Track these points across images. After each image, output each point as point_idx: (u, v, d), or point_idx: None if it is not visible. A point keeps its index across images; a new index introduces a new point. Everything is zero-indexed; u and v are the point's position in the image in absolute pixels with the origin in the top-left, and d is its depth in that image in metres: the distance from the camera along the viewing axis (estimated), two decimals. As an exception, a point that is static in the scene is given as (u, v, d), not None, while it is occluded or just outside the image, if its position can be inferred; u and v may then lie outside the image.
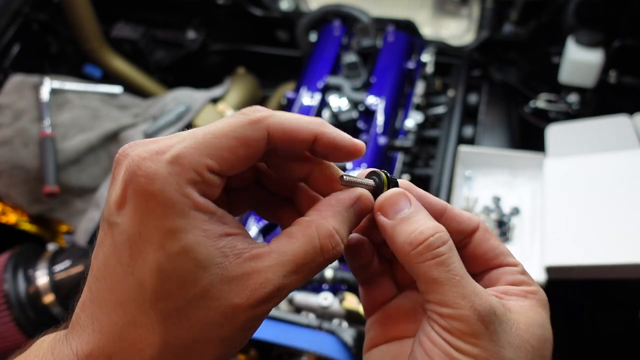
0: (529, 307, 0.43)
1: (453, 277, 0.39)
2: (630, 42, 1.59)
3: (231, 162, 0.37)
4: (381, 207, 0.42)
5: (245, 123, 0.38)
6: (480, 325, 0.38)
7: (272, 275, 0.37)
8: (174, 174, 0.35)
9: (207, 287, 0.35)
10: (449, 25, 2.11)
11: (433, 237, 0.40)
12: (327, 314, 1.18)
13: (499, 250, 0.46)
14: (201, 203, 0.36)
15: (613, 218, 1.25)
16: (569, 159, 1.41)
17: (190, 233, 0.35)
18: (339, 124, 1.44)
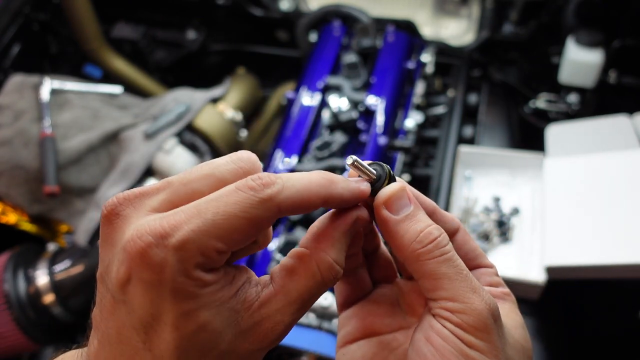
0: (509, 309, 0.44)
1: (460, 272, 0.40)
2: (630, 42, 1.59)
3: (240, 242, 0.36)
4: (387, 202, 0.42)
5: (256, 203, 0.36)
6: (491, 319, 0.39)
7: (281, 317, 0.38)
8: (182, 261, 0.34)
9: (225, 347, 0.36)
10: (449, 25, 2.11)
11: (440, 237, 0.41)
12: (327, 314, 1.18)
13: (478, 251, 0.47)
14: (209, 280, 0.36)
15: (613, 218, 1.25)
16: (569, 159, 1.41)
17: (203, 311, 0.35)
18: (339, 124, 1.44)
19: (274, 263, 1.24)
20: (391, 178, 0.44)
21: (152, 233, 0.34)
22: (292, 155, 1.42)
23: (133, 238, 0.34)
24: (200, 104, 1.63)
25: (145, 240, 0.34)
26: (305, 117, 1.49)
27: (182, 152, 1.53)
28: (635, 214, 1.23)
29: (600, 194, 1.30)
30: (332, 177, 0.40)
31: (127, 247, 0.34)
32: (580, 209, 1.30)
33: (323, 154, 1.37)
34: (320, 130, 1.47)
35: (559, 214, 1.30)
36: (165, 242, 0.34)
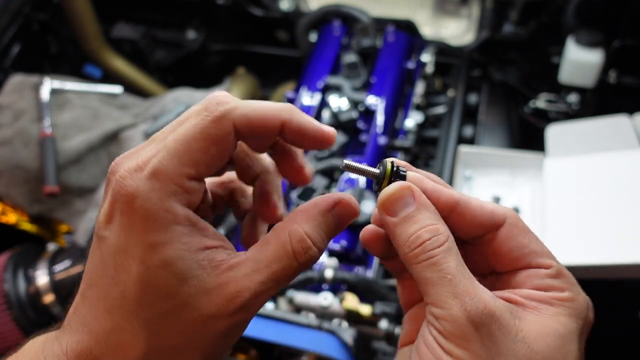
0: (551, 315, 0.39)
1: (445, 276, 0.38)
2: (630, 42, 1.59)
3: (206, 163, 0.38)
4: (383, 203, 0.41)
5: (210, 121, 0.38)
6: (469, 327, 0.37)
7: (248, 283, 0.38)
8: (155, 190, 0.36)
9: (186, 298, 0.37)
10: (449, 25, 2.11)
11: (429, 241, 0.39)
12: (327, 314, 1.18)
13: (529, 249, 0.42)
14: (182, 216, 0.37)
15: (613, 218, 1.25)
16: (569, 159, 1.41)
17: (170, 247, 0.37)
18: (339, 124, 1.44)
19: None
20: (394, 174, 0.42)
21: (128, 169, 0.37)
22: (292, 155, 1.42)
23: (117, 174, 0.37)
24: (200, 104, 1.63)
25: (123, 174, 0.37)
26: (305, 117, 1.49)
27: (182, 152, 1.54)
28: (636, 214, 1.23)
29: (601, 194, 1.30)
30: (294, 107, 0.41)
31: (112, 185, 0.38)
32: (580, 209, 1.29)
33: (323, 153, 1.37)
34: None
35: (559, 214, 1.30)
36: (139, 174, 0.37)
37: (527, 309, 0.40)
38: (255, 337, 1.13)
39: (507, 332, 0.37)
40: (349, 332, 1.11)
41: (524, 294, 0.41)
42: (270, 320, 1.15)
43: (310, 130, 0.41)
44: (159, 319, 0.37)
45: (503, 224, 0.42)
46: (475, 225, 0.42)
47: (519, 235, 0.42)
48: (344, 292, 1.19)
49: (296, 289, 1.20)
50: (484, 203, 0.43)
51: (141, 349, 0.38)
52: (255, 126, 0.39)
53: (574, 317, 0.40)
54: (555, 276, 0.42)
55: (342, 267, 1.23)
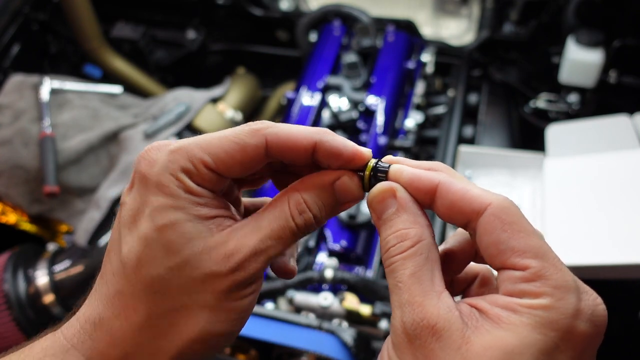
0: (508, 325, 0.35)
1: (396, 284, 0.38)
2: (630, 42, 1.59)
3: (227, 162, 0.40)
4: (370, 205, 0.42)
5: (245, 131, 0.41)
6: (404, 337, 0.36)
7: (247, 240, 0.40)
8: (171, 161, 0.39)
9: (189, 257, 0.39)
10: (449, 25, 2.11)
11: (394, 247, 0.39)
12: (327, 314, 1.18)
13: (506, 246, 0.37)
14: (193, 188, 0.40)
15: (613, 218, 1.25)
16: (569, 159, 1.41)
17: (179, 211, 0.39)
18: (339, 124, 1.44)
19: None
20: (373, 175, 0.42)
21: (156, 145, 0.41)
22: (292, 155, 1.42)
23: (143, 152, 0.41)
24: (200, 103, 1.63)
25: (148, 149, 0.41)
26: (305, 117, 1.49)
27: (182, 152, 1.54)
28: (636, 214, 1.23)
29: (601, 194, 1.30)
30: (327, 130, 0.42)
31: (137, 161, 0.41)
32: (581, 209, 1.29)
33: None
34: (320, 130, 1.47)
35: (559, 214, 1.30)
36: (163, 149, 0.40)
37: (489, 319, 0.35)
38: (255, 337, 1.13)
39: (447, 346, 0.35)
40: (349, 332, 1.11)
41: (492, 300, 0.36)
42: (270, 320, 1.15)
43: (343, 149, 0.41)
44: (160, 278, 0.39)
45: (481, 214, 0.37)
46: (455, 211, 0.39)
47: (498, 228, 0.37)
48: (344, 292, 1.19)
49: (296, 289, 1.20)
50: (471, 188, 0.38)
51: (143, 312, 0.39)
52: (286, 143, 0.40)
53: (541, 328, 0.34)
54: (531, 279, 0.35)
55: (342, 267, 1.23)
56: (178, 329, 0.40)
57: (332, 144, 0.41)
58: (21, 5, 1.69)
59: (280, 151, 0.41)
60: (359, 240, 1.28)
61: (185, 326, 0.39)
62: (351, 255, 1.26)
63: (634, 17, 1.58)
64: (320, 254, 1.27)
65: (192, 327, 0.39)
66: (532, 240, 0.37)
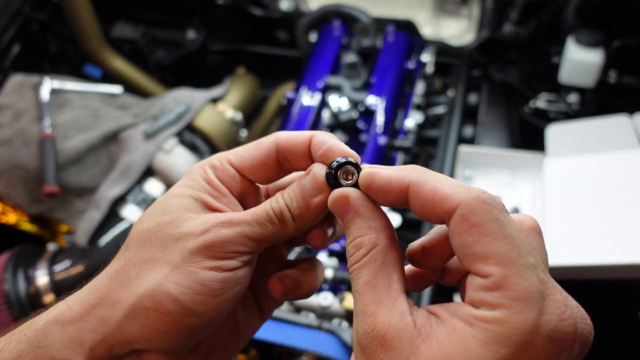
0: (459, 337, 0.33)
1: (354, 292, 0.39)
2: (630, 42, 1.59)
3: (245, 158, 0.48)
4: (331, 210, 0.43)
5: (265, 138, 0.48)
6: (357, 348, 0.37)
7: (227, 214, 0.45)
8: (207, 160, 0.48)
9: (176, 218, 0.44)
10: (449, 25, 2.11)
11: (352, 257, 0.40)
12: (327, 314, 1.18)
13: (470, 250, 0.35)
14: (212, 179, 0.47)
15: (613, 218, 1.25)
16: (569, 159, 1.41)
17: (190, 189, 0.46)
18: (339, 124, 1.44)
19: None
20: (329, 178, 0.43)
21: None
22: (292, 155, 1.42)
23: None
24: (200, 103, 1.63)
25: None
26: (305, 117, 1.49)
27: (182, 152, 1.53)
28: (635, 214, 1.23)
29: (601, 194, 1.30)
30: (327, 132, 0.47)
31: None
32: (580, 209, 1.29)
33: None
34: (320, 130, 1.47)
35: (558, 214, 1.30)
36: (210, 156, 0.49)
37: (444, 328, 0.34)
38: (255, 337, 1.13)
39: (397, 356, 0.34)
40: (349, 332, 1.11)
41: (454, 309, 0.35)
42: (270, 320, 1.15)
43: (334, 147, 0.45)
44: (147, 232, 0.44)
45: (451, 215, 0.35)
46: (428, 212, 0.37)
47: (465, 231, 0.35)
48: (344, 292, 1.19)
49: (296, 289, 1.20)
50: (442, 185, 0.36)
51: (122, 260, 0.44)
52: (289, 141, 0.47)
53: (492, 344, 0.32)
54: (491, 288, 0.34)
55: (342, 267, 1.23)
56: (140, 280, 0.42)
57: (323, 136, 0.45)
58: (21, 5, 1.69)
59: (287, 147, 0.46)
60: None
61: (146, 277, 0.42)
62: (351, 255, 1.26)
63: (634, 17, 1.58)
64: (320, 254, 1.27)
65: (150, 280, 0.42)
66: (497, 245, 0.34)
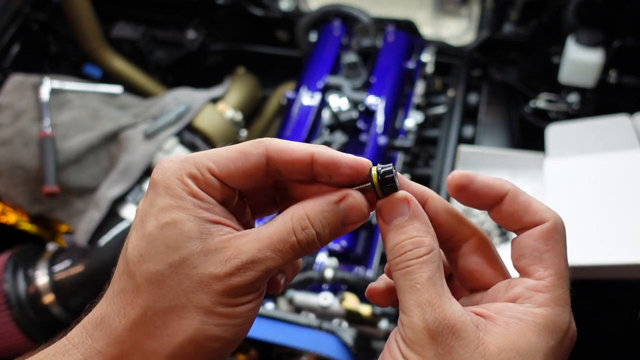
0: (517, 330, 0.40)
1: (414, 285, 0.40)
2: (630, 42, 1.59)
3: (230, 170, 0.42)
4: (379, 210, 0.43)
5: (249, 143, 0.43)
6: (425, 335, 0.38)
7: (247, 248, 0.40)
8: (180, 168, 0.42)
9: (187, 255, 0.40)
10: (449, 25, 2.11)
11: (411, 252, 0.41)
12: (327, 314, 1.18)
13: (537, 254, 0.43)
14: (197, 192, 0.42)
15: (613, 218, 1.25)
16: (569, 159, 1.41)
17: (182, 211, 0.41)
18: (339, 124, 1.44)
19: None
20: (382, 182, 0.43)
21: (170, 158, 0.44)
22: (292, 155, 1.42)
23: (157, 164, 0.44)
24: (200, 103, 1.63)
25: (163, 160, 0.43)
26: (305, 117, 1.49)
27: (182, 152, 1.53)
28: (635, 214, 1.23)
29: (601, 194, 1.30)
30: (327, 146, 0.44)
31: None
32: (580, 209, 1.29)
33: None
34: (320, 130, 1.47)
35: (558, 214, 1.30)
36: (175, 158, 0.43)
37: (496, 323, 0.40)
38: (255, 337, 1.13)
39: (465, 344, 0.39)
40: (349, 332, 1.11)
41: (496, 308, 0.41)
42: (270, 320, 1.15)
43: (342, 160, 0.43)
44: (159, 274, 0.40)
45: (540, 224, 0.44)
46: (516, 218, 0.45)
47: (543, 239, 0.43)
48: (344, 292, 1.19)
49: (296, 289, 1.20)
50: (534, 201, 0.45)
51: (140, 308, 0.40)
52: (285, 154, 0.43)
53: (545, 335, 0.40)
54: (541, 290, 0.41)
55: (342, 267, 1.23)
56: (172, 328, 0.40)
57: (330, 153, 0.43)
58: (21, 5, 1.69)
59: (280, 161, 0.43)
60: (359, 240, 1.28)
61: (179, 326, 0.40)
62: (351, 255, 1.26)
63: (634, 17, 1.58)
64: (320, 254, 1.27)
65: (186, 327, 0.40)
66: (560, 262, 0.43)
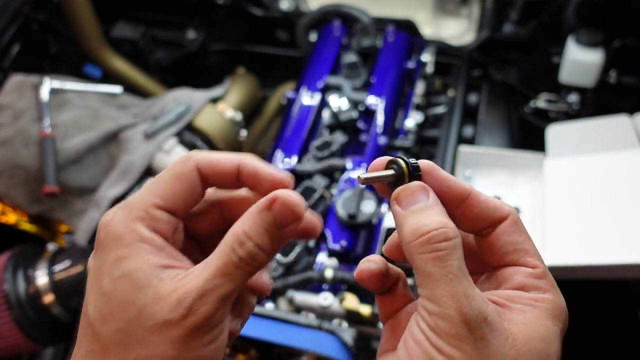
0: (534, 317, 0.41)
1: (447, 274, 0.38)
2: (630, 42, 1.59)
3: (172, 196, 0.42)
4: (397, 197, 0.42)
5: (177, 162, 0.44)
6: (464, 328, 0.37)
7: (195, 283, 0.39)
8: (124, 215, 0.41)
9: (142, 307, 0.39)
10: (449, 25, 2.11)
11: (437, 232, 0.39)
12: (327, 314, 1.18)
13: (521, 246, 0.43)
14: (147, 236, 0.41)
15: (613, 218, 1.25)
16: (569, 159, 1.41)
17: (132, 260, 0.40)
18: (339, 124, 1.44)
19: (274, 263, 1.24)
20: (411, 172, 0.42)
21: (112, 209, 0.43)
22: (292, 155, 1.42)
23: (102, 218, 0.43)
24: (200, 103, 1.63)
25: (106, 213, 0.43)
26: (305, 117, 1.49)
27: (182, 152, 1.53)
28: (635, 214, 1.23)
29: (601, 194, 1.30)
30: (255, 157, 0.45)
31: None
32: (581, 209, 1.29)
33: (323, 153, 1.37)
34: (320, 130, 1.47)
35: (559, 214, 1.30)
36: (117, 207, 0.42)
37: (513, 312, 0.41)
38: (255, 337, 1.13)
39: (499, 336, 0.39)
40: (349, 332, 1.11)
41: (507, 295, 0.42)
42: (270, 320, 1.15)
43: (263, 171, 0.43)
44: (121, 332, 0.39)
45: (504, 219, 0.43)
46: (482, 218, 0.43)
47: (516, 232, 0.43)
48: (344, 292, 1.19)
49: (296, 289, 1.20)
50: (490, 198, 0.44)
51: None
52: (213, 166, 0.43)
53: (556, 319, 0.41)
54: (540, 277, 0.43)
55: (342, 267, 1.23)
56: None
57: (252, 164, 0.43)
58: (21, 5, 1.69)
59: (211, 173, 0.43)
60: (359, 240, 1.28)
61: None
62: (351, 255, 1.26)
63: (634, 17, 1.58)
64: (320, 254, 1.27)
65: None
66: (535, 247, 0.44)
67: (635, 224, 1.21)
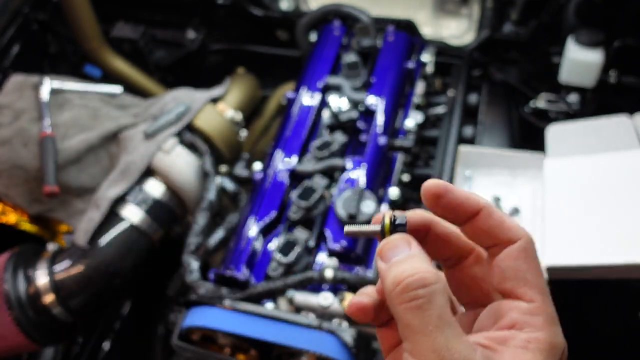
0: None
1: (426, 326, 0.37)
2: (630, 42, 1.59)
3: None
4: (379, 251, 0.43)
5: None
6: None
7: None
8: None
9: None
10: (449, 25, 2.11)
11: (413, 278, 0.38)
12: (327, 314, 1.18)
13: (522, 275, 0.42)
14: None
15: (613, 218, 1.25)
16: (569, 159, 1.41)
17: None
18: (339, 124, 1.44)
19: (274, 264, 1.24)
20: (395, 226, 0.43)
21: None
22: (292, 155, 1.42)
23: None
24: (200, 103, 1.63)
25: None
26: (305, 117, 1.49)
27: (181, 152, 1.53)
28: (636, 214, 1.23)
29: (601, 194, 1.30)
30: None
31: None
32: (581, 209, 1.29)
33: (323, 154, 1.37)
34: (320, 130, 1.47)
35: (559, 214, 1.30)
36: None
37: (504, 356, 0.39)
38: (255, 337, 1.13)
39: None
40: (349, 332, 1.11)
41: (499, 337, 0.40)
42: (270, 320, 1.15)
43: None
44: None
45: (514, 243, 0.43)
46: (492, 235, 0.43)
47: (521, 259, 0.42)
48: (344, 292, 1.19)
49: (296, 289, 1.20)
50: (506, 218, 0.44)
51: None
52: None
53: (549, 358, 0.40)
54: (535, 313, 0.41)
55: (342, 267, 1.23)
56: None
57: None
58: (21, 5, 1.69)
59: None
60: (359, 240, 1.28)
61: None
62: (351, 255, 1.26)
63: (634, 17, 1.58)
64: (320, 254, 1.27)
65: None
66: (540, 279, 0.43)
67: (635, 224, 1.21)
